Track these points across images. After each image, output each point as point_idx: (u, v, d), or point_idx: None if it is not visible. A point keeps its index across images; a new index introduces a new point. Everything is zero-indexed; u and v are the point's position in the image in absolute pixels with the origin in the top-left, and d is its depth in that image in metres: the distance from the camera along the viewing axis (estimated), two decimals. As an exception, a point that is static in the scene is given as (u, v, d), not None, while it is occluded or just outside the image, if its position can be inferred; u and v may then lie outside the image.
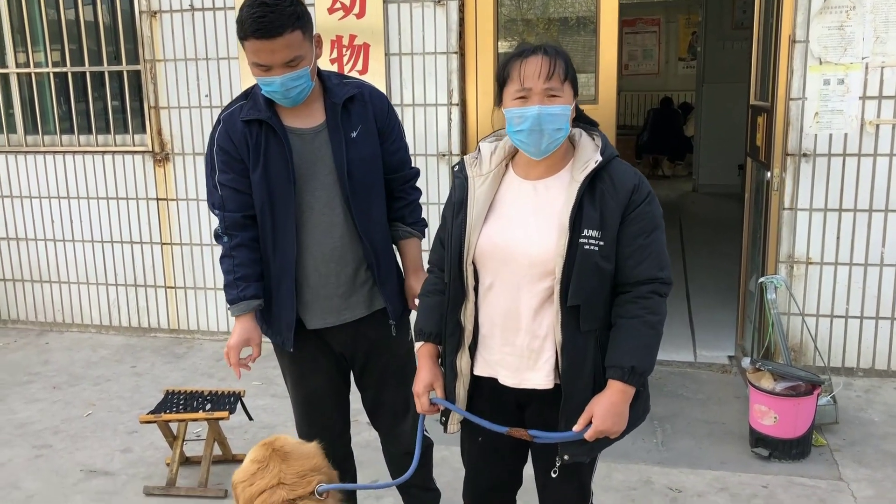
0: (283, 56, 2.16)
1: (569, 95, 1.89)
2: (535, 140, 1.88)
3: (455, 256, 1.99)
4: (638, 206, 1.89)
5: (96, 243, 5.19)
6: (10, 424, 3.98)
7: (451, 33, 4.41)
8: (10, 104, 5.19)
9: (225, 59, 4.72)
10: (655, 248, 1.91)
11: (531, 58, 1.87)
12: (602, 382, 1.93)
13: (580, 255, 1.85)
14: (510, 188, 1.99)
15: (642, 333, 1.88)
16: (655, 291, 1.90)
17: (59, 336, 5.28)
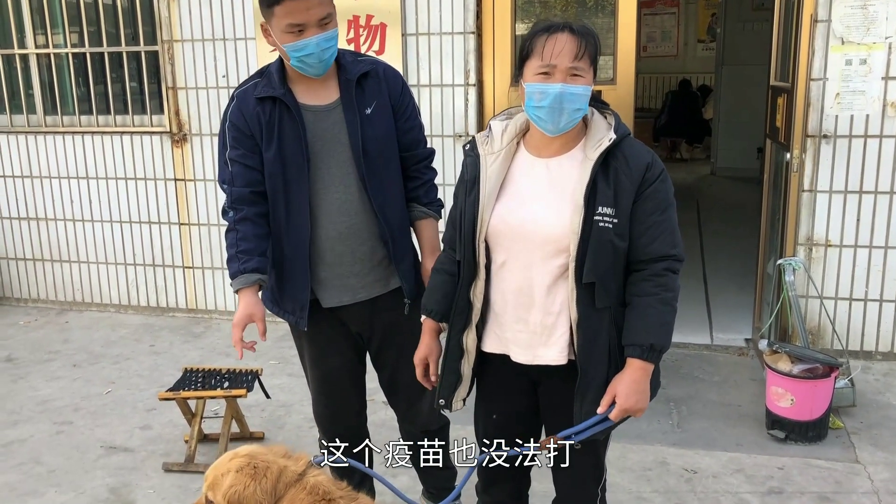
0: (318, 13, 2.16)
1: (591, 76, 1.89)
2: (555, 118, 1.87)
3: (468, 234, 1.99)
4: (652, 184, 1.89)
5: (115, 223, 5.23)
6: (32, 402, 4.03)
7: (468, 13, 4.38)
8: (30, 85, 5.23)
9: (242, 40, 4.72)
10: (669, 225, 1.91)
11: (559, 34, 1.85)
12: (617, 359, 1.93)
13: (595, 233, 1.86)
14: (522, 166, 1.99)
15: (659, 311, 1.89)
16: (669, 268, 1.91)
17: (79, 315, 5.34)
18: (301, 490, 1.76)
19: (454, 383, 2.10)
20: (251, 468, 1.74)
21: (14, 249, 5.47)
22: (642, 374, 1.90)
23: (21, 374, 4.37)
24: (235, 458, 1.79)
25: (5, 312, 5.41)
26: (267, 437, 3.59)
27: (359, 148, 2.32)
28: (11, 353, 4.67)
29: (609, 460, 3.23)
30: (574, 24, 1.87)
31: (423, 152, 2.52)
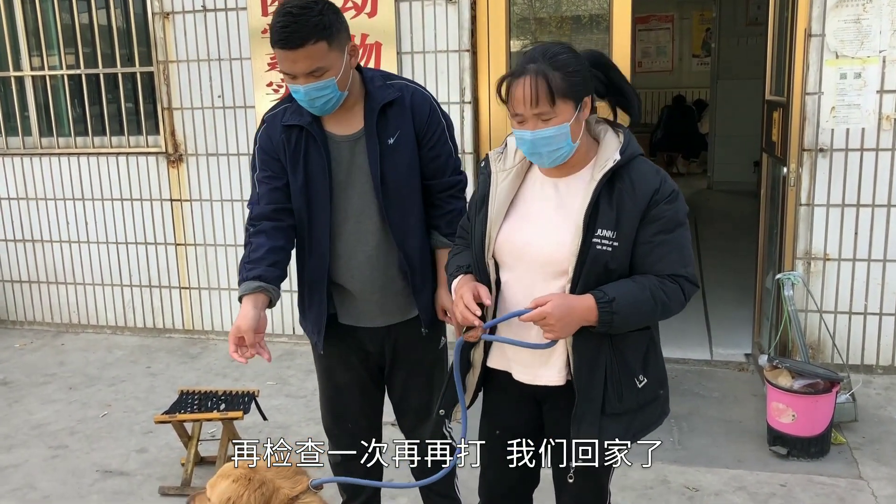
0: (304, 66, 2.14)
1: (564, 113, 1.81)
2: (538, 160, 1.90)
3: (478, 252, 2.00)
4: (658, 205, 1.85)
5: (111, 244, 5.22)
6: (27, 425, 4.00)
7: (462, 31, 4.39)
8: (26, 107, 5.23)
9: (237, 60, 4.73)
10: (677, 245, 1.88)
11: (518, 80, 1.81)
12: (618, 386, 1.91)
13: (591, 256, 1.84)
14: (533, 185, 1.98)
15: (641, 292, 1.84)
16: (678, 282, 1.88)
17: (75, 337, 5.31)
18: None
19: (453, 398, 2.07)
20: (246, 479, 1.78)
21: (10, 271, 5.45)
22: (583, 308, 1.81)
23: (16, 398, 4.33)
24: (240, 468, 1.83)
25: (0, 335, 5.38)
26: (264, 459, 3.54)
27: (378, 179, 2.31)
28: (7, 377, 4.64)
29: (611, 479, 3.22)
30: (534, 63, 1.80)
31: (449, 181, 2.44)
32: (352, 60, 2.26)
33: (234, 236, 4.96)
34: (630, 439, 1.97)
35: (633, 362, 1.94)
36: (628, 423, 1.96)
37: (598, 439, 1.92)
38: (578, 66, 1.84)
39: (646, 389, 1.96)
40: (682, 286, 1.88)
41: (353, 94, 2.30)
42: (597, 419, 1.91)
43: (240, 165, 4.86)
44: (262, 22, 4.60)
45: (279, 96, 4.67)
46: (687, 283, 1.89)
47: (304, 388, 4.29)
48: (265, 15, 4.58)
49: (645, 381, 1.95)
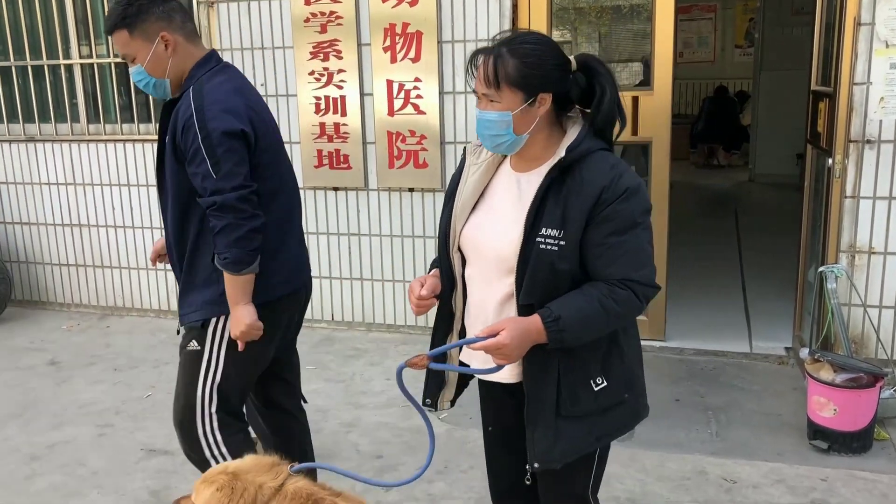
0: (121, 52, 2.47)
1: (510, 101, 1.76)
2: (484, 142, 1.88)
3: (442, 243, 1.99)
4: (610, 205, 1.76)
5: (155, 230, 5.32)
6: (75, 404, 4.11)
7: (503, 20, 4.39)
8: (74, 94, 5.34)
9: (280, 49, 4.78)
10: (630, 246, 1.78)
11: (481, 58, 1.80)
12: (572, 389, 1.86)
13: (535, 254, 1.79)
14: (502, 178, 1.95)
15: (588, 304, 1.77)
16: (629, 287, 1.79)
17: (120, 320, 5.43)
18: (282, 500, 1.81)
19: (439, 384, 2.10)
20: (230, 488, 1.81)
21: (58, 255, 5.59)
22: (532, 330, 1.76)
23: (64, 378, 4.45)
24: (222, 473, 1.86)
25: (49, 317, 5.52)
26: (303, 441, 3.60)
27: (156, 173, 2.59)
28: (55, 357, 4.77)
29: (646, 469, 3.23)
30: (498, 48, 1.78)
31: (204, 201, 2.38)
32: (168, 51, 2.41)
33: (274, 223, 5.02)
34: (593, 444, 1.93)
35: (589, 364, 1.87)
36: (590, 427, 1.90)
37: (556, 441, 1.88)
38: (543, 60, 1.78)
39: (606, 392, 1.89)
40: (634, 291, 1.79)
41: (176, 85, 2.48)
42: (552, 421, 1.87)
43: (281, 153, 4.92)
44: (305, 10, 4.65)
45: (321, 85, 4.72)
46: (641, 286, 1.80)
47: (343, 373, 4.35)
48: (308, 4, 4.63)
49: (605, 384, 1.88)
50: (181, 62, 2.45)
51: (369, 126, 4.70)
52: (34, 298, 5.68)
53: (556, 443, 1.88)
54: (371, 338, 4.88)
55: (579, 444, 1.90)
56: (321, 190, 4.91)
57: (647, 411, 2.03)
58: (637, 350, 1.99)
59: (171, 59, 2.43)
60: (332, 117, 4.75)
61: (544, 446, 1.88)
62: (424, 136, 4.57)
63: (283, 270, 2.59)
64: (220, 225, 2.36)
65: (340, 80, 4.68)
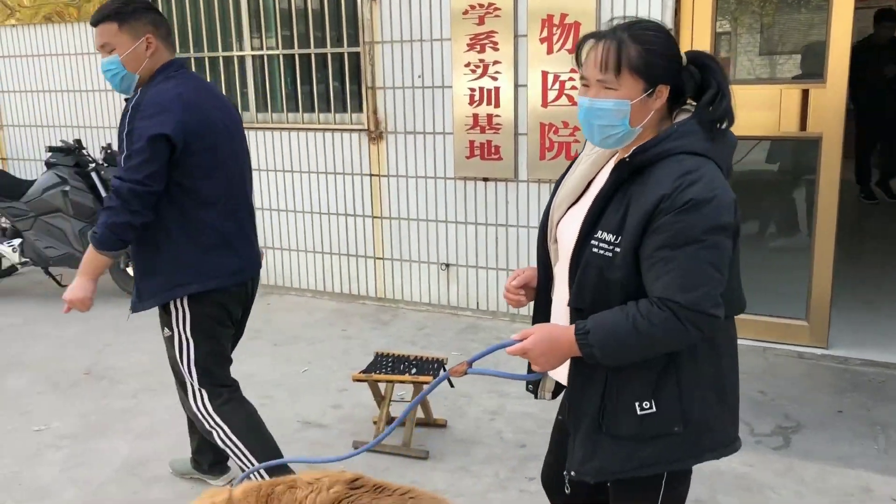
0: (98, 41, 2.76)
1: (630, 89, 1.67)
2: (588, 133, 1.77)
3: (540, 234, 1.95)
4: (668, 214, 1.61)
5: (314, 214, 5.59)
6: (239, 375, 4.33)
7: (666, 10, 4.27)
8: (245, 84, 5.70)
9: (438, 41, 4.89)
10: (682, 264, 1.61)
11: (599, 43, 1.69)
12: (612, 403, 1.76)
13: (586, 258, 1.72)
14: (604, 174, 1.85)
15: (622, 321, 1.65)
16: (670, 308, 1.62)
17: (280, 298, 5.76)
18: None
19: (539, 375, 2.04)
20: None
21: (226, 235, 5.99)
22: (564, 339, 1.70)
23: (231, 349, 4.77)
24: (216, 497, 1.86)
25: (216, 292, 5.93)
26: (449, 424, 3.70)
27: None
28: (222, 330, 5.12)
29: (805, 481, 3.08)
30: (615, 32, 1.69)
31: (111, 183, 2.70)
32: (147, 52, 2.73)
33: (426, 211, 5.16)
34: (637, 469, 1.78)
35: (636, 383, 1.73)
36: (631, 451, 1.77)
37: (592, 456, 1.79)
38: (664, 49, 1.69)
39: (653, 419, 1.73)
40: (676, 314, 1.61)
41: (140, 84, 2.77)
42: (592, 434, 1.79)
43: (435, 143, 5.04)
44: (464, 3, 4.72)
45: (476, 77, 4.78)
46: (684, 310, 1.61)
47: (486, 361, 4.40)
48: (467, -4, 4.70)
49: (652, 409, 1.73)
50: (152, 64, 2.76)
51: (522, 117, 4.72)
52: (204, 274, 6.12)
53: (592, 457, 1.80)
54: (514, 328, 4.91)
55: (618, 465, 1.78)
56: (471, 180, 4.98)
57: (723, 451, 1.82)
58: (712, 376, 1.77)
59: (147, 60, 2.75)
60: (486, 108, 4.80)
61: (580, 457, 1.82)
62: (578, 128, 4.54)
63: (234, 262, 2.85)
64: (108, 205, 2.65)
65: (495, 71, 4.73)
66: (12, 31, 6.46)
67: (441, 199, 5.08)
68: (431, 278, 5.25)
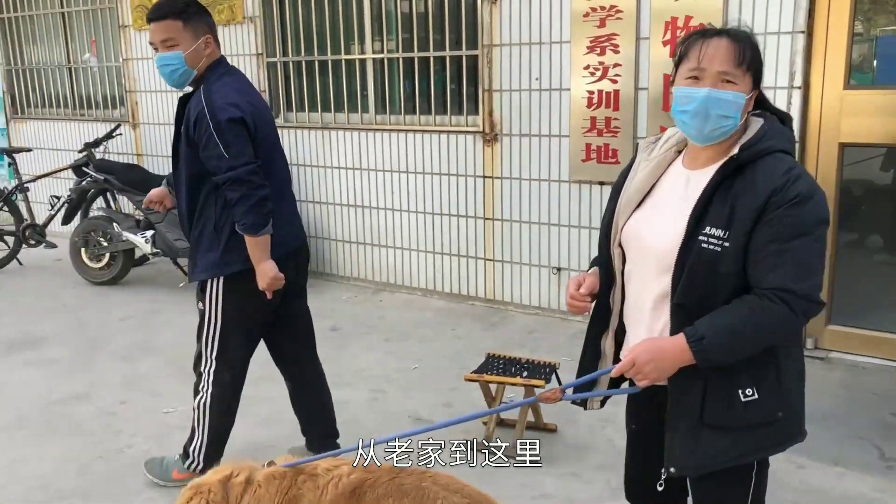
0: (157, 36, 2.91)
1: (745, 85, 1.79)
2: (699, 124, 1.80)
3: (603, 238, 2.01)
4: (778, 209, 1.70)
5: (427, 214, 5.68)
6: (352, 368, 4.53)
7: (798, 11, 4.11)
8: (366, 86, 5.85)
9: (557, 44, 4.87)
10: (795, 256, 1.70)
11: (714, 39, 1.79)
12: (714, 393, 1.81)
13: (695, 253, 1.76)
14: (669, 176, 1.93)
15: (736, 321, 1.73)
16: (783, 300, 1.70)
17: (391, 295, 5.88)
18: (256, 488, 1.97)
19: (589, 386, 2.07)
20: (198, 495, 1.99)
21: (341, 232, 6.17)
22: (674, 349, 1.76)
23: (344, 343, 4.92)
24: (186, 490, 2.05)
25: (331, 287, 6.12)
26: (560, 430, 3.68)
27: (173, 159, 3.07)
28: (336, 324, 5.28)
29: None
30: (734, 31, 1.81)
31: (220, 178, 2.87)
32: (206, 51, 2.95)
33: (538, 214, 5.15)
34: (736, 459, 1.84)
35: (739, 372, 1.79)
36: (734, 440, 1.82)
37: (695, 449, 1.83)
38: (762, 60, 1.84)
39: (755, 407, 1.80)
40: (791, 305, 1.71)
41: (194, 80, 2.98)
42: (694, 428, 1.83)
43: (550, 146, 5.02)
44: (585, 5, 4.68)
45: (595, 79, 4.74)
46: (798, 300, 1.71)
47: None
48: (588, -1, 4.67)
49: (755, 396, 1.79)
50: (206, 62, 2.99)
51: (641, 121, 4.64)
52: (320, 270, 6.32)
53: (695, 450, 1.83)
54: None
55: (720, 456, 1.83)
56: (586, 184, 4.94)
57: (804, 435, 1.91)
58: (798, 366, 1.89)
59: (204, 58, 2.97)
60: (604, 111, 4.75)
61: (683, 452, 1.86)
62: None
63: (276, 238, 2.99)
64: (236, 196, 2.84)
65: (615, 74, 4.67)
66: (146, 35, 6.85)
67: (554, 203, 5.06)
68: (542, 282, 5.24)
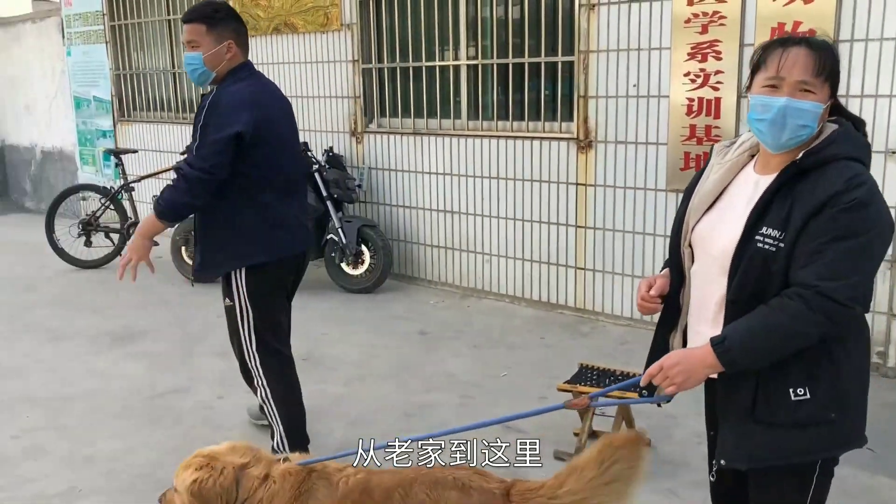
0: (185, 37, 3.17)
1: (823, 94, 1.79)
2: (776, 132, 1.80)
3: (673, 239, 2.03)
4: (831, 210, 1.71)
5: (517, 221, 5.66)
6: (442, 373, 4.54)
7: (919, 16, 3.91)
8: (459, 92, 5.87)
9: (657, 50, 4.78)
10: (831, 255, 1.70)
11: (794, 48, 1.79)
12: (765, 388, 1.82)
13: (749, 252, 1.79)
14: (740, 180, 1.95)
15: (755, 319, 1.76)
16: (800, 295, 1.71)
17: (478, 301, 5.87)
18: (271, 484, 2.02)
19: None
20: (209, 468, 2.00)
21: (430, 237, 6.21)
22: (699, 355, 1.81)
23: (433, 347, 4.94)
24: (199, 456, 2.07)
25: (418, 291, 6.16)
26: (654, 444, 3.59)
27: None
28: (424, 328, 5.31)
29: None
30: (814, 40, 1.81)
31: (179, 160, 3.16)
32: (227, 55, 3.15)
33: (632, 223, 5.06)
34: (789, 457, 1.83)
35: (791, 370, 1.79)
36: (783, 438, 1.82)
37: (741, 442, 1.86)
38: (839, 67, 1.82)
39: (807, 406, 1.79)
40: (806, 300, 1.70)
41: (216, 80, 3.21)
42: (743, 422, 1.85)
43: (647, 154, 4.93)
44: (687, 11, 4.58)
45: (696, 86, 4.63)
46: (819, 297, 1.69)
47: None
48: (691, 4, 4.56)
49: (806, 396, 1.79)
50: (228, 66, 3.19)
51: (743, 129, 4.49)
52: (408, 273, 6.38)
53: (741, 443, 1.87)
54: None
55: (771, 453, 1.84)
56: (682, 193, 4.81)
57: (863, 441, 1.88)
58: (858, 368, 1.86)
59: (224, 62, 3.17)
60: (704, 119, 4.63)
61: (731, 444, 1.90)
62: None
63: (285, 237, 3.22)
64: (175, 185, 3.06)
65: (717, 81, 4.55)
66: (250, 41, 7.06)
67: (650, 211, 4.96)
68: (635, 292, 5.11)
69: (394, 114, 6.28)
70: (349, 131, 6.50)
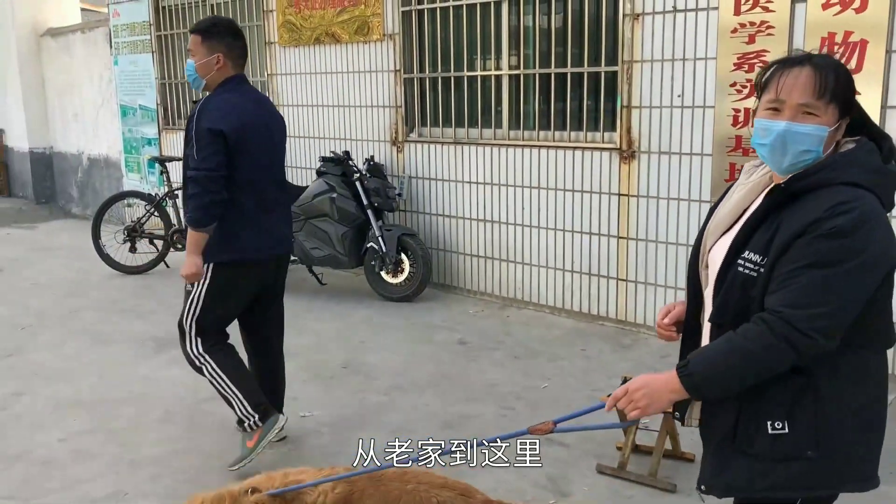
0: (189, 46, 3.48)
1: (829, 116, 1.71)
2: (777, 158, 1.75)
3: (692, 258, 1.98)
4: (809, 236, 1.65)
5: (557, 231, 5.63)
6: (482, 383, 4.53)
7: (976, 25, 3.82)
8: (500, 101, 5.87)
9: (702, 60, 4.73)
10: (803, 283, 1.64)
11: (794, 69, 1.72)
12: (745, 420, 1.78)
13: (730, 276, 1.77)
14: (758, 201, 1.86)
15: (719, 344, 1.74)
16: (764, 320, 1.67)
17: (518, 311, 5.85)
18: None
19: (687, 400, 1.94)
20: None
21: (469, 246, 6.20)
22: (665, 380, 1.77)
23: (472, 357, 4.93)
24: None
25: (458, 300, 6.16)
26: (697, 460, 3.53)
27: None
28: (464, 337, 5.30)
29: None
30: (818, 58, 1.73)
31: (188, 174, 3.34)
32: (215, 66, 3.40)
33: (675, 234, 5.00)
34: (767, 491, 1.78)
35: (770, 404, 1.75)
36: (761, 471, 1.78)
37: (721, 471, 1.83)
38: (853, 86, 1.75)
39: (785, 441, 1.74)
40: (769, 325, 1.65)
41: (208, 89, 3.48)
42: (723, 450, 1.83)
43: (691, 164, 4.87)
44: (734, 21, 4.53)
45: (742, 97, 4.57)
46: (781, 323, 1.64)
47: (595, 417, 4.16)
48: (737, 14, 4.50)
49: (784, 430, 1.74)
50: (219, 77, 3.44)
51: (791, 141, 4.43)
52: (447, 283, 6.38)
53: (722, 472, 1.84)
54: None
55: (747, 484, 1.80)
56: (728, 205, 4.74)
57: (861, 486, 1.79)
58: (855, 408, 1.76)
59: (214, 72, 3.42)
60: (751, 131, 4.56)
61: (710, 472, 1.88)
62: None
63: (256, 241, 3.44)
64: (192, 192, 3.29)
65: (764, 92, 4.47)
66: (293, 51, 7.16)
67: (693, 223, 4.89)
68: (677, 304, 5.06)
69: (435, 123, 6.30)
70: (390, 140, 6.53)
